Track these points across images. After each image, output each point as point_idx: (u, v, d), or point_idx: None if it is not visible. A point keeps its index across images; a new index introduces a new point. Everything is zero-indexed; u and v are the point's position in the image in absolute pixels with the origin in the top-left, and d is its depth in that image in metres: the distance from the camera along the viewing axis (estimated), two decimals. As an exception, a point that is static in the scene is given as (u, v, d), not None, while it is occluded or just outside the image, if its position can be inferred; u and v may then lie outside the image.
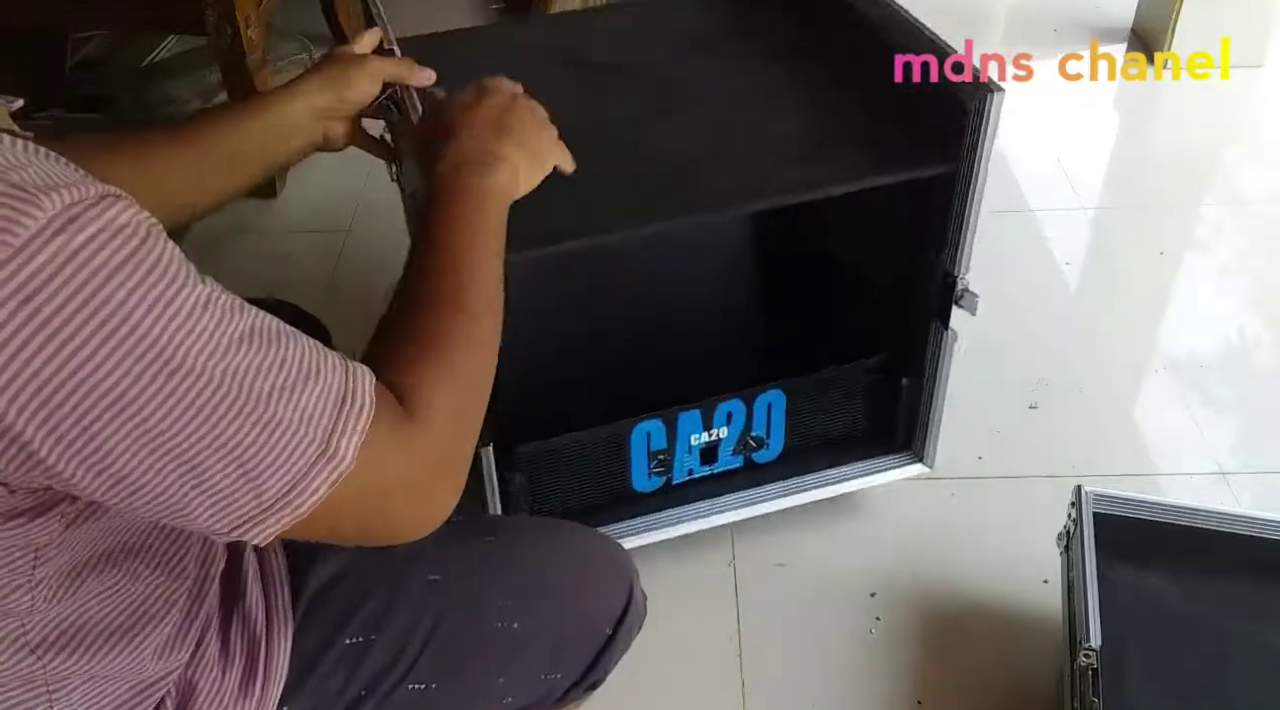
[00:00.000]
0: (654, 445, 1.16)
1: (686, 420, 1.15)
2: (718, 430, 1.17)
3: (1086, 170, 1.97)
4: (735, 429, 1.17)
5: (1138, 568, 1.04)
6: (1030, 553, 1.25)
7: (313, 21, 2.27)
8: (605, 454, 1.16)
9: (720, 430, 1.17)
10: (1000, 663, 1.18)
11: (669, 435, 1.16)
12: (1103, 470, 1.39)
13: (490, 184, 0.76)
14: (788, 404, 1.17)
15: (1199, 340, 1.60)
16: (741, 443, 1.19)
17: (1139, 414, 1.50)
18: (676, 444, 1.17)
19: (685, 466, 1.19)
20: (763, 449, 1.21)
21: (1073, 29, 2.38)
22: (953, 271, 1.06)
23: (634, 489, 1.19)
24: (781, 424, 1.19)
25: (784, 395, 1.16)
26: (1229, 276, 1.73)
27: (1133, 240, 1.80)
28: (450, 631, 0.80)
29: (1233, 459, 1.41)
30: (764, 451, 1.21)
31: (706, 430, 1.17)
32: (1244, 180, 1.96)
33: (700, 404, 1.14)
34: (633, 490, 1.19)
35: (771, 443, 1.20)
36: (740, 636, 1.21)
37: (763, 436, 1.19)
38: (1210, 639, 1.00)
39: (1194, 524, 1.07)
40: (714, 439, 1.18)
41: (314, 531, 0.58)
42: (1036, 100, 2.12)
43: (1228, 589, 1.03)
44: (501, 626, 0.82)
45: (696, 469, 1.20)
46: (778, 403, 1.17)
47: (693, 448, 1.18)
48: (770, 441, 1.20)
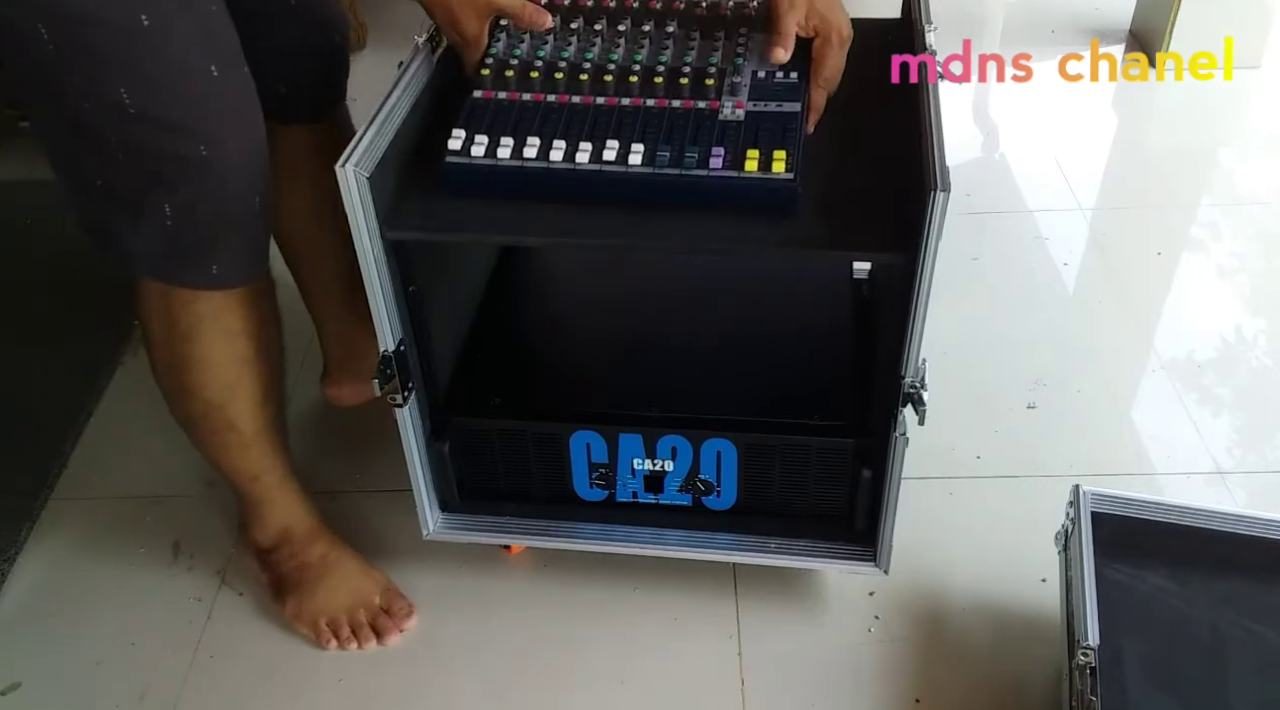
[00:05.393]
0: (594, 457, 1.14)
1: (628, 442, 1.12)
2: (662, 462, 1.13)
3: (1085, 170, 1.97)
4: (681, 466, 1.13)
5: (1135, 567, 1.05)
6: (1028, 552, 1.25)
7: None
8: (541, 451, 1.15)
9: (665, 463, 1.13)
10: (998, 661, 1.19)
11: (610, 452, 1.13)
12: (1100, 469, 1.40)
13: None
14: (739, 457, 1.12)
15: (1197, 340, 1.61)
16: (689, 482, 1.15)
17: (1137, 413, 1.50)
18: (619, 462, 1.14)
19: (629, 487, 1.16)
20: (712, 495, 1.16)
21: (1071, 29, 2.38)
22: (902, 373, 0.97)
23: (575, 493, 1.18)
24: (733, 476, 1.14)
25: (734, 447, 1.11)
26: (1227, 276, 1.74)
27: (1131, 240, 1.81)
28: None
29: (1230, 458, 1.42)
30: (714, 498, 1.16)
31: (650, 458, 1.13)
32: (1242, 180, 1.96)
33: (641, 429, 1.12)
34: (574, 494, 1.18)
35: (723, 492, 1.15)
36: (740, 635, 1.22)
37: (712, 482, 1.14)
38: (1208, 637, 1.00)
39: (1192, 523, 1.08)
40: (659, 469, 1.14)
41: None
42: (1036, 100, 2.13)
43: (1225, 588, 1.04)
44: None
45: (641, 494, 1.17)
46: (728, 452, 1.12)
47: (636, 471, 1.15)
48: (721, 490, 1.15)
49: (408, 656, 1.22)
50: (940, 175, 0.84)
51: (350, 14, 2.32)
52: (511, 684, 1.19)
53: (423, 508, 1.17)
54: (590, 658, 1.21)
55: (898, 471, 1.04)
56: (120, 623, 1.27)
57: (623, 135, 0.96)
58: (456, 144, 0.96)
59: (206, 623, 1.27)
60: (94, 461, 1.49)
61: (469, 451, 1.16)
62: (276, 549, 1.26)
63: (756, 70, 1.02)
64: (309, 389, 1.54)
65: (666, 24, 1.07)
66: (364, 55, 2.36)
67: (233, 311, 1.08)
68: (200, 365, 1.10)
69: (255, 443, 1.17)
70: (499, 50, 1.05)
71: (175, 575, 1.33)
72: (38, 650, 1.25)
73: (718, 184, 0.93)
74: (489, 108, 1.00)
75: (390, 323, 1.01)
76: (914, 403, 0.97)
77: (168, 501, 1.40)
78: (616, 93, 1.01)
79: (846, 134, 1.05)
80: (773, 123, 0.97)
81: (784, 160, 0.93)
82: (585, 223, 0.95)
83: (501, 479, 1.18)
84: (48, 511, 1.42)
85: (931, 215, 0.85)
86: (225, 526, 1.34)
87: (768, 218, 0.94)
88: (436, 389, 1.14)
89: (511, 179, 0.95)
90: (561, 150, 0.95)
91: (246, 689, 1.20)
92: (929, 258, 0.88)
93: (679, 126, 0.97)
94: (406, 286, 1.02)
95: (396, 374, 1.03)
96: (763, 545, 1.17)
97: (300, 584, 1.24)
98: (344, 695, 1.19)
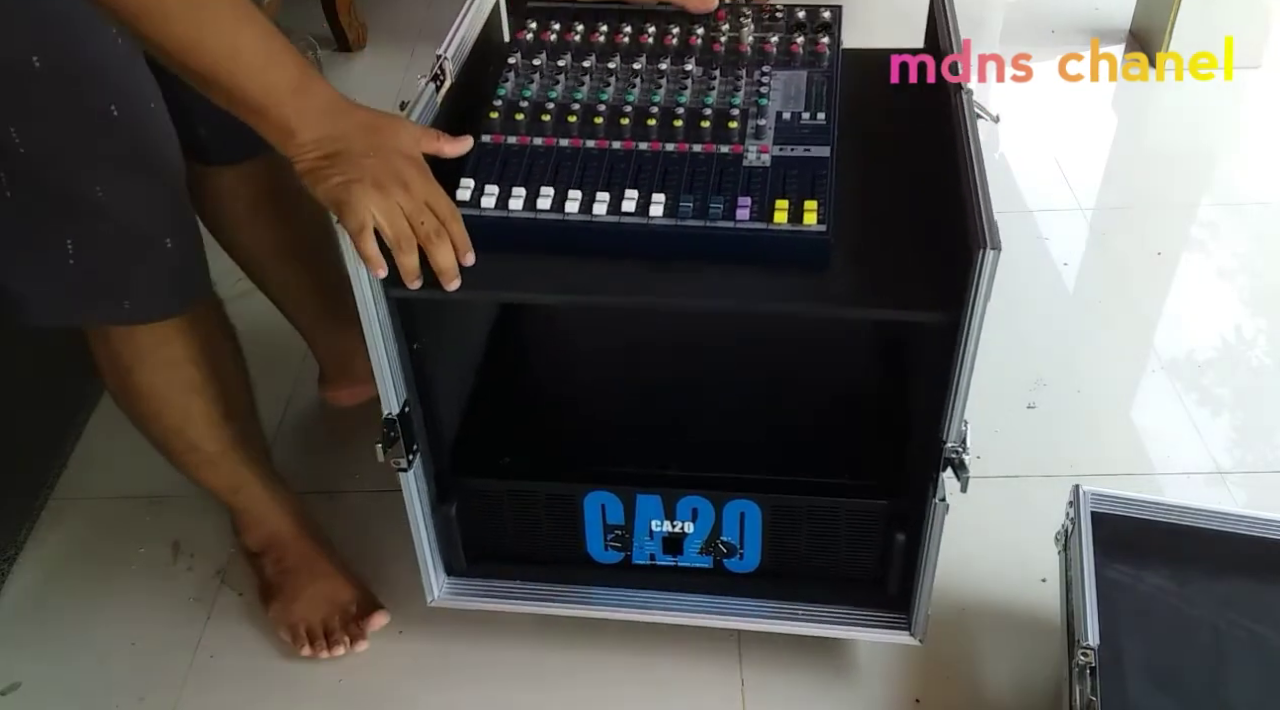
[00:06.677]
0: (610, 518, 1.09)
1: (646, 503, 1.07)
2: (682, 523, 1.08)
3: (1084, 170, 1.97)
4: (703, 528, 1.08)
5: (1135, 567, 1.04)
6: (1028, 552, 1.25)
7: (314, 21, 2.28)
8: (553, 513, 1.10)
9: (685, 524, 1.08)
10: (998, 661, 1.19)
11: (626, 513, 1.08)
12: (1100, 469, 1.39)
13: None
14: (764, 519, 1.07)
15: (1197, 340, 1.61)
16: (710, 544, 1.09)
17: (1137, 413, 1.50)
18: (635, 524, 1.09)
19: (646, 550, 1.11)
20: (735, 557, 1.10)
21: (1071, 29, 2.38)
22: (943, 436, 0.92)
23: (589, 555, 1.12)
24: (757, 538, 1.08)
25: (759, 509, 1.06)
26: (1227, 277, 1.74)
27: (1130, 240, 1.81)
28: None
29: (1230, 458, 1.42)
30: (737, 561, 1.11)
31: (669, 520, 1.08)
32: (1241, 181, 1.96)
33: (660, 490, 1.06)
34: (588, 556, 1.12)
35: (746, 554, 1.10)
36: (739, 634, 1.21)
37: (735, 544, 1.09)
38: (1208, 637, 1.00)
39: (1191, 523, 1.08)
40: (678, 531, 1.09)
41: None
42: (1035, 100, 2.13)
43: (1225, 588, 1.04)
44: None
45: (659, 556, 1.11)
46: (752, 514, 1.06)
47: (655, 533, 1.09)
48: (744, 552, 1.10)
49: (409, 658, 1.22)
50: (988, 232, 0.78)
51: (350, 14, 2.32)
52: (511, 688, 1.19)
53: (427, 573, 1.12)
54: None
55: (936, 538, 0.98)
56: (120, 623, 1.27)
57: (642, 184, 0.91)
58: (465, 194, 0.90)
59: (206, 623, 1.27)
60: (94, 461, 1.49)
61: (477, 514, 1.11)
62: (263, 554, 1.27)
63: (781, 111, 0.97)
64: (308, 389, 1.54)
65: (684, 61, 1.03)
66: (364, 55, 2.36)
67: (173, 341, 1.06)
68: (148, 396, 1.09)
69: (223, 460, 1.18)
70: (508, 91, 1.00)
71: (175, 575, 1.33)
72: (38, 650, 1.25)
73: (745, 237, 0.88)
74: (499, 154, 0.94)
75: (394, 384, 0.97)
76: (955, 467, 0.92)
77: (168, 501, 1.40)
78: (634, 136, 0.95)
79: (879, 176, 0.99)
80: (801, 168, 0.92)
81: (815, 211, 0.88)
82: (604, 279, 0.89)
83: (510, 541, 1.13)
84: (48, 511, 1.42)
85: (979, 275, 0.79)
86: (225, 526, 1.34)
87: (798, 271, 0.88)
88: (442, 448, 1.08)
89: (524, 232, 0.90)
90: (577, 201, 0.89)
91: (246, 689, 1.20)
92: (975, 319, 0.82)
93: (701, 174, 0.91)
94: (410, 344, 0.98)
95: (401, 437, 0.99)
96: (789, 612, 1.11)
97: (283, 590, 1.24)
98: (344, 696, 1.19)
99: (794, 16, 1.10)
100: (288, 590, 1.24)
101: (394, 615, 1.25)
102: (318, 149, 0.83)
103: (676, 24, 1.08)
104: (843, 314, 0.88)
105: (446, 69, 1.00)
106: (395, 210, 0.83)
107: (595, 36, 1.07)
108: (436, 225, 0.85)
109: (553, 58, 1.05)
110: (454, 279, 0.87)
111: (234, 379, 1.16)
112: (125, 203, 0.94)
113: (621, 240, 0.89)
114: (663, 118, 0.97)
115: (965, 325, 0.83)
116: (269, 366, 1.44)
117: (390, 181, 0.83)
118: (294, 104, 0.81)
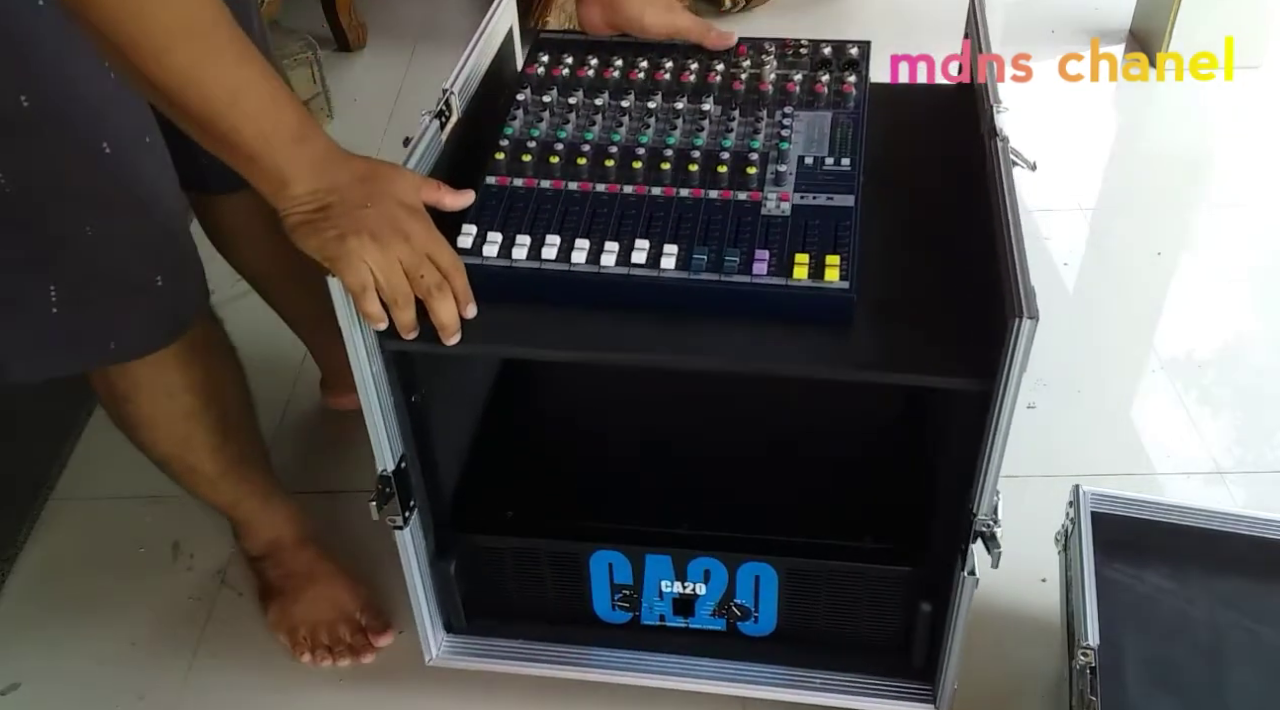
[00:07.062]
0: (618, 578, 1.04)
1: (655, 563, 1.02)
2: (694, 585, 1.03)
3: (1084, 170, 1.97)
4: (715, 590, 1.03)
5: (1135, 567, 1.05)
6: (1028, 552, 1.24)
7: (314, 21, 2.28)
8: (557, 571, 1.06)
9: (697, 586, 1.04)
10: (998, 661, 1.18)
11: (635, 573, 1.04)
12: (1100, 469, 1.39)
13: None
14: (781, 583, 1.02)
15: (1197, 340, 1.61)
16: (723, 607, 1.05)
17: (1136, 413, 1.50)
18: (645, 584, 1.04)
19: (655, 610, 1.07)
20: (749, 620, 1.06)
21: (1071, 29, 2.38)
22: (973, 507, 0.87)
23: (595, 614, 1.08)
24: (773, 601, 1.04)
25: (775, 572, 1.01)
26: (1226, 277, 1.74)
27: (1130, 240, 1.81)
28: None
29: (1229, 458, 1.42)
30: (751, 624, 1.06)
31: (680, 581, 1.03)
32: (1241, 181, 1.96)
33: (671, 550, 1.01)
34: (594, 615, 1.08)
35: (761, 617, 1.05)
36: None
37: (749, 607, 1.04)
38: (1208, 637, 1.00)
39: (1192, 523, 1.08)
40: (690, 592, 1.04)
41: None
42: (1036, 100, 2.12)
43: (1225, 588, 1.04)
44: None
45: (670, 617, 1.07)
46: (768, 577, 1.02)
47: (665, 594, 1.05)
48: (759, 615, 1.05)
49: (409, 659, 1.22)
50: (1025, 300, 0.74)
51: (350, 14, 2.32)
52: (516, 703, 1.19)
53: (425, 632, 1.08)
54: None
55: (964, 611, 0.93)
56: (120, 623, 1.27)
57: (654, 233, 0.86)
58: (466, 242, 0.86)
59: (206, 623, 1.27)
60: (94, 461, 1.48)
61: (477, 570, 1.07)
62: (264, 558, 1.27)
63: (803, 156, 0.92)
64: (309, 390, 1.54)
65: (702, 100, 0.98)
66: (364, 55, 2.36)
67: (170, 370, 1.02)
68: (146, 424, 1.07)
69: (223, 479, 1.16)
70: (515, 129, 0.96)
71: (175, 575, 1.33)
72: (38, 650, 1.25)
73: (762, 293, 0.83)
74: (503, 197, 0.90)
75: (390, 440, 0.92)
76: (986, 540, 0.87)
77: (168, 501, 1.40)
78: (646, 181, 0.91)
79: (905, 226, 0.94)
80: (823, 219, 0.87)
81: (838, 267, 0.82)
82: (611, 334, 0.84)
83: (513, 598, 1.09)
84: (48, 511, 1.42)
85: (1014, 345, 0.75)
86: (225, 527, 1.33)
87: (819, 329, 0.83)
88: (441, 501, 1.04)
89: (528, 283, 0.85)
90: (585, 251, 0.85)
91: (246, 689, 1.20)
92: (1009, 389, 0.78)
93: (717, 222, 0.87)
94: (409, 396, 0.93)
95: (396, 494, 0.94)
96: (806, 680, 1.06)
97: (283, 592, 1.24)
98: (344, 696, 1.19)
99: (819, 53, 1.05)
100: (288, 594, 1.24)
101: (394, 615, 1.25)
102: (312, 201, 0.78)
103: (695, 59, 1.03)
104: (867, 378, 0.83)
105: (453, 104, 0.95)
106: (394, 265, 0.78)
107: (609, 72, 1.02)
108: (438, 279, 0.81)
109: (564, 94, 1.00)
110: (455, 334, 0.83)
111: (234, 401, 1.13)
112: (115, 244, 0.90)
113: (631, 293, 0.84)
114: (677, 161, 0.92)
115: (999, 395, 0.79)
116: (269, 367, 1.44)
117: (388, 233, 0.78)
118: (291, 153, 0.76)
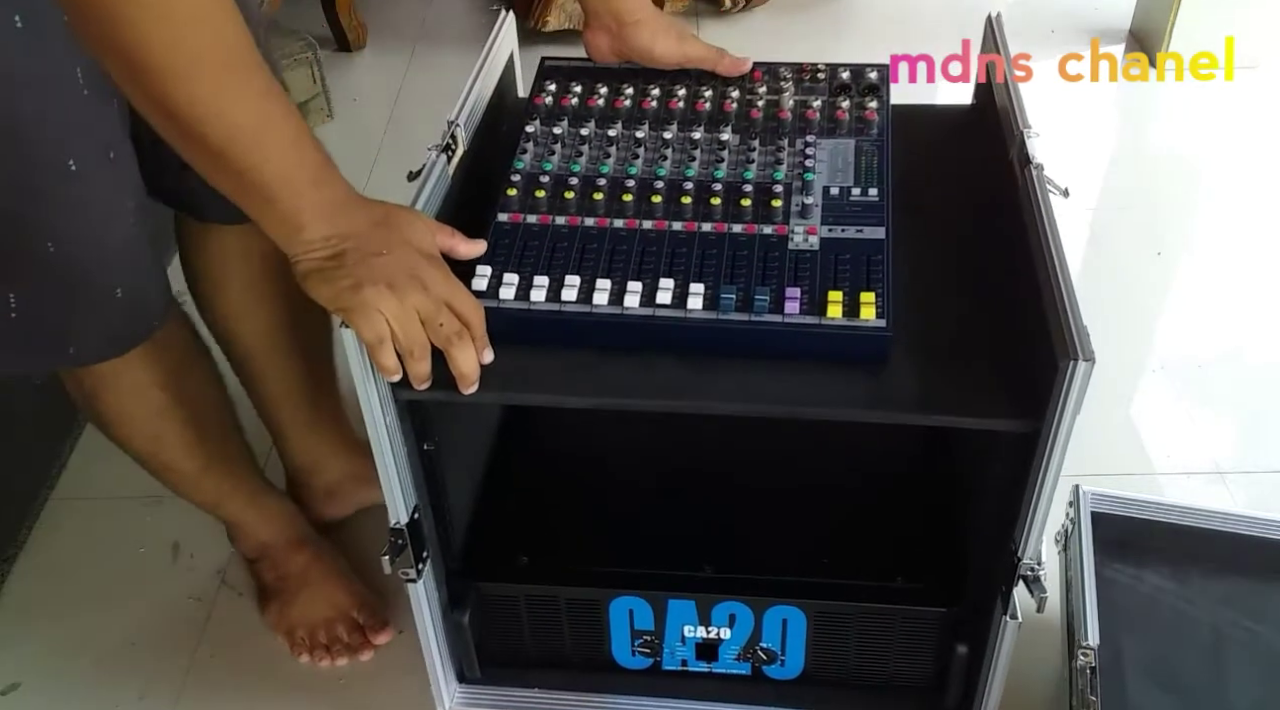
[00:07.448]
0: (639, 624, 1.00)
1: (678, 609, 0.98)
2: (718, 629, 1.00)
3: (1085, 170, 1.97)
4: (741, 634, 1.00)
5: (1135, 567, 1.05)
6: (1028, 552, 1.25)
7: (314, 21, 2.27)
8: (575, 618, 1.02)
9: (721, 630, 1.00)
10: (998, 661, 1.18)
11: (656, 618, 1.00)
12: (1100, 469, 1.39)
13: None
14: (809, 626, 0.98)
15: (1196, 340, 1.61)
16: (748, 651, 1.01)
17: (1137, 413, 1.50)
18: (667, 630, 1.01)
19: (677, 656, 1.03)
20: (776, 664, 1.02)
21: (1071, 29, 2.38)
22: (1017, 548, 0.84)
23: (614, 660, 1.05)
24: (800, 644, 1.00)
25: (803, 615, 0.97)
26: (1226, 277, 1.74)
27: (1130, 240, 1.80)
28: None
29: (1230, 458, 1.42)
30: (778, 667, 1.03)
31: (704, 626, 1.00)
32: (1242, 181, 1.96)
33: (694, 595, 0.98)
34: (613, 661, 1.05)
35: (788, 661, 1.02)
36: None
37: (776, 651, 1.01)
38: (1208, 638, 1.00)
39: (1192, 523, 1.08)
40: (714, 637, 1.01)
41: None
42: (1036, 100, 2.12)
43: (1225, 588, 1.04)
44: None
45: (692, 662, 1.03)
46: (795, 620, 0.98)
47: (687, 639, 1.01)
48: (786, 659, 1.02)
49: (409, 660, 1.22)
50: (1079, 340, 0.71)
51: (350, 14, 2.32)
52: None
53: (437, 683, 1.05)
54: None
55: (1005, 655, 0.90)
56: (120, 623, 1.27)
57: (677, 271, 0.82)
58: (482, 284, 0.82)
59: (206, 623, 1.27)
60: (94, 461, 1.48)
61: (491, 619, 1.03)
62: (259, 560, 1.27)
63: (829, 186, 0.89)
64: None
65: (720, 129, 0.95)
66: (363, 55, 2.36)
67: (135, 368, 0.98)
68: (116, 422, 1.05)
69: (204, 478, 1.14)
70: (526, 163, 0.92)
71: (175, 575, 1.33)
72: (38, 650, 1.25)
73: (795, 333, 0.79)
74: (518, 235, 0.86)
75: (403, 491, 0.88)
76: (1030, 584, 0.84)
77: (168, 501, 1.40)
78: (666, 215, 0.87)
79: (932, 258, 0.90)
80: (854, 252, 0.83)
81: (874, 304, 0.79)
82: (636, 380, 0.81)
83: (528, 646, 1.05)
84: (48, 511, 1.42)
85: (1068, 388, 0.72)
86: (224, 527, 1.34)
87: (848, 368, 0.80)
88: (453, 550, 1.00)
89: (548, 326, 0.82)
90: (606, 291, 0.81)
91: (246, 689, 1.20)
92: (1061, 432, 0.74)
93: (743, 259, 0.83)
94: (421, 445, 0.89)
95: (410, 546, 0.91)
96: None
97: (280, 593, 1.24)
98: (344, 696, 1.19)
99: (837, 77, 1.02)
100: (285, 594, 1.23)
101: (395, 615, 1.24)
102: (325, 248, 0.75)
103: (708, 86, 0.99)
104: (908, 420, 0.79)
105: (459, 137, 0.92)
106: (410, 314, 0.75)
107: (620, 101, 0.98)
108: (458, 327, 0.78)
109: (574, 124, 0.96)
110: (474, 383, 0.80)
111: (207, 400, 1.10)
112: (76, 258, 0.87)
113: (655, 335, 0.81)
114: (698, 194, 0.89)
115: (1049, 438, 0.75)
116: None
117: (405, 281, 0.75)
118: (310, 196, 0.74)
